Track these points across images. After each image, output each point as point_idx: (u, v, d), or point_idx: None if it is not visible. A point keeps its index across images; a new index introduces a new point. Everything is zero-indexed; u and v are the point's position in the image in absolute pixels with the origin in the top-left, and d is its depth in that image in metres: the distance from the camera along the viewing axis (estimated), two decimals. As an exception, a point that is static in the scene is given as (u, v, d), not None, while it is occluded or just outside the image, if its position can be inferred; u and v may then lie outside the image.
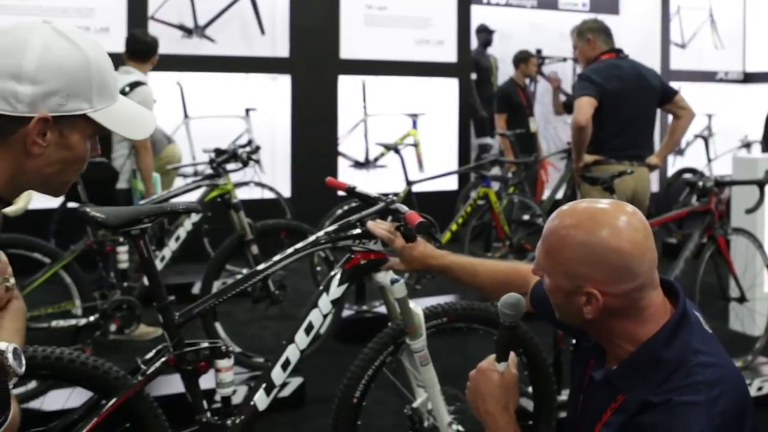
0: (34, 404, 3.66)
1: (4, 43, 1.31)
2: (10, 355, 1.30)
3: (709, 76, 10.99)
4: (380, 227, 2.60)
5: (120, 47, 5.46)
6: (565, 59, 10.21)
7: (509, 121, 8.06)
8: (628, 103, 4.63)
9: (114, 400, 2.45)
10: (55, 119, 1.32)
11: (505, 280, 2.17)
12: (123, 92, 4.96)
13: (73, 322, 4.18)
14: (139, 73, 5.22)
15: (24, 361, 1.34)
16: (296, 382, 4.04)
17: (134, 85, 5.10)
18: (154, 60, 5.34)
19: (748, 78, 11.25)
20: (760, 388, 4.21)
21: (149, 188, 4.98)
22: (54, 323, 4.12)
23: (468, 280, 2.34)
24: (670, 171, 10.20)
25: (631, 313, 1.58)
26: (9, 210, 5.59)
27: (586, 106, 4.52)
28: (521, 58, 8.25)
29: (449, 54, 8.96)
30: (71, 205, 6.33)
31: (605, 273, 1.54)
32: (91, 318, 4.20)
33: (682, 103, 4.78)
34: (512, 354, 1.78)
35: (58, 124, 1.33)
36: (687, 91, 11.03)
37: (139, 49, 5.29)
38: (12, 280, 1.47)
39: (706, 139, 9.91)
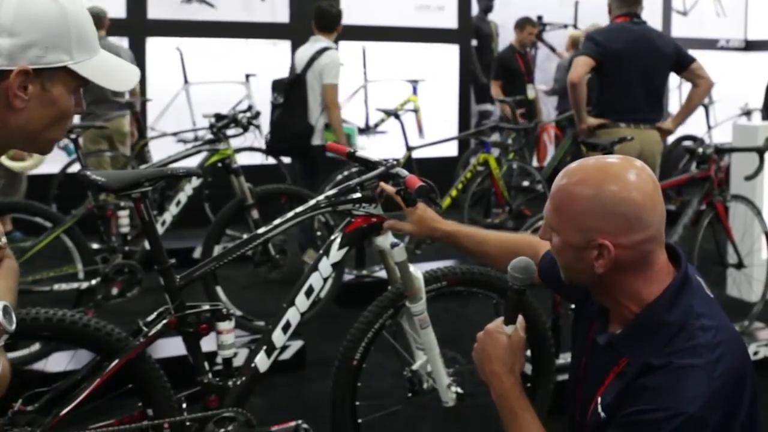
0: (38, 366, 3.71)
1: None
2: (0, 313, 1.30)
3: (710, 44, 10.92)
4: (391, 187, 2.61)
5: (121, 12, 5.49)
6: (566, 26, 10.14)
7: (507, 87, 8.01)
8: (631, 66, 4.64)
9: (116, 361, 2.47)
10: (35, 72, 1.30)
11: (514, 249, 2.15)
12: (313, 58, 5.55)
13: (75, 285, 4.20)
14: (327, 41, 5.63)
15: (14, 318, 1.34)
16: (297, 345, 4.08)
17: (323, 51, 5.54)
18: (339, 29, 5.72)
19: (750, 46, 11.19)
20: (756, 353, 4.25)
21: (342, 141, 5.37)
22: (56, 287, 4.15)
23: (475, 248, 2.34)
24: (670, 138, 10.16)
25: (640, 268, 1.58)
26: (15, 165, 5.60)
27: (580, 64, 4.61)
28: (518, 25, 8.22)
29: (450, 20, 8.91)
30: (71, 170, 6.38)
31: (617, 223, 1.54)
32: (93, 281, 4.22)
33: (700, 71, 4.77)
34: (520, 317, 1.78)
35: (39, 77, 1.31)
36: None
37: (325, 21, 5.71)
38: (4, 239, 1.47)
39: (706, 107, 9.87)
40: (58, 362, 3.55)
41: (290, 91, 5.63)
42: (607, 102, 4.74)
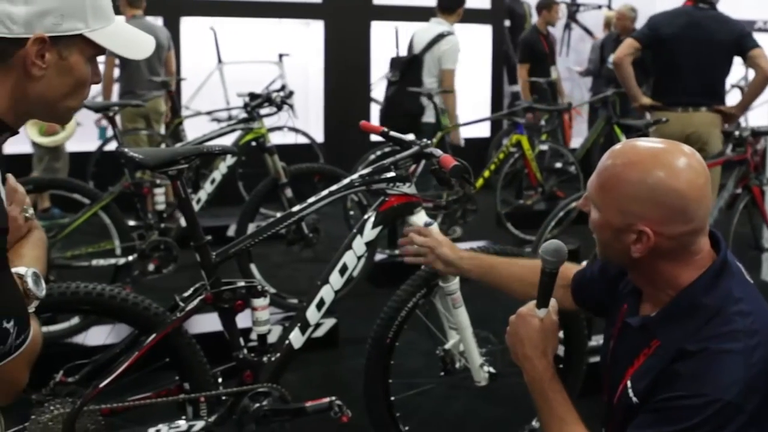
0: (78, 339, 3.78)
1: None
2: (29, 280, 1.33)
3: (747, 26, 10.72)
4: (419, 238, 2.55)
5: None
6: (599, 6, 10.04)
7: (533, 69, 7.91)
8: (680, 52, 4.67)
9: (153, 336, 2.50)
10: (52, 40, 1.31)
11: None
12: (434, 41, 5.83)
13: (112, 261, 4.26)
14: (447, 25, 5.93)
15: (43, 285, 1.37)
16: (330, 323, 4.11)
17: (443, 35, 5.83)
18: (460, 12, 5.98)
19: (789, 27, 11.01)
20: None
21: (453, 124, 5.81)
22: (94, 262, 4.21)
23: (507, 276, 2.29)
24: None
25: (679, 256, 1.56)
26: (45, 140, 5.67)
27: (624, 46, 4.74)
28: (544, 5, 8.05)
29: (483, 0, 8.85)
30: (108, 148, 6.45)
31: (661, 213, 1.52)
32: (130, 258, 4.28)
33: (758, 60, 4.67)
34: (553, 300, 1.76)
35: (56, 45, 1.32)
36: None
37: (446, 4, 6.01)
38: (31, 210, 1.50)
39: (742, 89, 9.74)
40: (98, 336, 3.61)
41: (406, 71, 5.91)
42: (657, 84, 4.85)
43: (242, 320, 2.69)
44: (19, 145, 6.17)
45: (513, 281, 2.26)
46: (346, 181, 2.79)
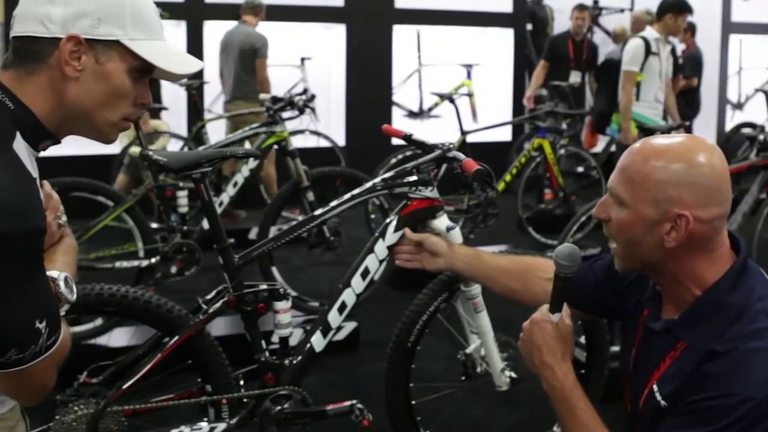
0: (101, 340, 3.81)
1: None
2: (61, 283, 1.36)
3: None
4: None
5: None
6: (622, 10, 9.99)
7: (553, 71, 7.87)
8: None
9: (176, 338, 2.52)
10: (89, 43, 1.33)
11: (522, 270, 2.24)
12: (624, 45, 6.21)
13: (135, 263, 4.30)
14: (650, 31, 5.99)
15: (75, 290, 1.40)
16: (350, 326, 4.12)
17: (633, 38, 6.07)
18: (666, 20, 5.93)
19: (813, 31, 10.91)
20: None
21: (625, 125, 5.81)
22: (117, 264, 4.25)
23: (491, 267, 2.37)
24: (729, 125, 10.00)
25: (707, 246, 1.56)
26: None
27: None
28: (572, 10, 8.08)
29: (505, 4, 8.85)
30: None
31: (698, 194, 1.51)
32: (153, 260, 4.31)
33: None
34: (565, 305, 1.75)
35: (92, 49, 1.34)
36: (749, 44, 10.74)
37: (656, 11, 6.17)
38: (64, 218, 1.52)
39: (767, 93, 9.68)
40: (121, 337, 3.64)
41: (600, 74, 6.91)
42: None
43: (264, 323, 2.70)
44: (66, 147, 6.23)
45: (495, 272, 2.32)
46: (368, 184, 2.80)
